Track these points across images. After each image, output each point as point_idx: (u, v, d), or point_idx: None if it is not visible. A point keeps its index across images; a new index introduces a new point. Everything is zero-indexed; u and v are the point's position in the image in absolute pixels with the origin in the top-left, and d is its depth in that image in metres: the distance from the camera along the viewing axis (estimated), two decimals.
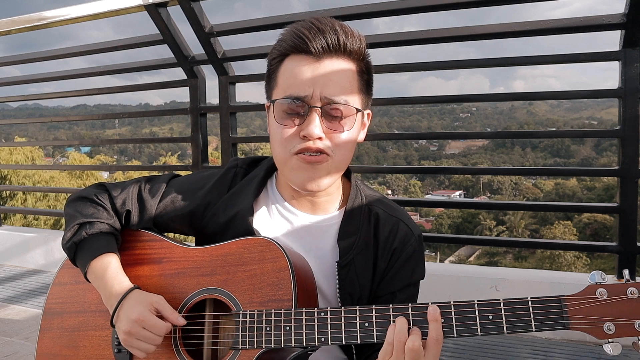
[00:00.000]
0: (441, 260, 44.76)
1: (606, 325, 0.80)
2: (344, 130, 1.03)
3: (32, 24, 3.45)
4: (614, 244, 2.39)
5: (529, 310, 0.83)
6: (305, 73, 0.99)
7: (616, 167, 2.41)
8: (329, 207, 1.14)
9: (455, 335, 0.85)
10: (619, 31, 2.32)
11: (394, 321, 0.89)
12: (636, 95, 2.32)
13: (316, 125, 0.99)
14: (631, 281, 0.82)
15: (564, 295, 0.83)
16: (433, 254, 47.26)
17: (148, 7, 2.93)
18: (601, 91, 2.56)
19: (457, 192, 68.78)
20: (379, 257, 1.10)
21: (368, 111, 1.12)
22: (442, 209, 44.32)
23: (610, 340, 0.80)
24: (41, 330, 1.19)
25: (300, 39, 1.00)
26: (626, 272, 0.84)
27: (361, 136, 1.12)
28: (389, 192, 64.11)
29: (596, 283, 0.83)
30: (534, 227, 51.44)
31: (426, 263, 1.19)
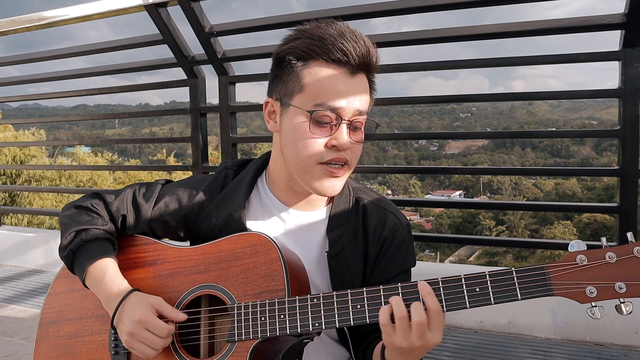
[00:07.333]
0: (441, 260, 44.80)
1: (588, 288, 0.82)
2: (362, 141, 1.08)
3: (32, 24, 3.45)
4: (614, 243, 2.39)
5: (514, 280, 0.85)
6: (341, 86, 1.02)
7: (616, 167, 2.41)
8: (319, 202, 1.17)
9: (445, 309, 0.88)
10: (619, 31, 2.32)
11: (386, 302, 0.90)
12: (636, 95, 2.32)
13: (347, 137, 1.03)
14: (609, 246, 0.84)
15: (546, 263, 0.86)
16: (433, 254, 47.26)
17: (148, 7, 2.93)
18: (601, 91, 2.56)
19: (457, 192, 68.79)
20: (369, 247, 1.13)
21: None
22: (442, 209, 44.37)
23: (593, 304, 0.82)
24: (37, 340, 1.19)
25: (342, 52, 1.00)
26: (629, 234, 0.85)
27: None
28: (389, 192, 64.16)
29: (576, 251, 0.85)
30: (534, 227, 51.43)
31: (426, 263, 1.21)
